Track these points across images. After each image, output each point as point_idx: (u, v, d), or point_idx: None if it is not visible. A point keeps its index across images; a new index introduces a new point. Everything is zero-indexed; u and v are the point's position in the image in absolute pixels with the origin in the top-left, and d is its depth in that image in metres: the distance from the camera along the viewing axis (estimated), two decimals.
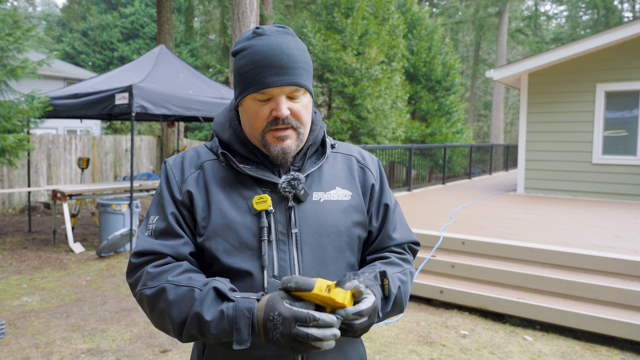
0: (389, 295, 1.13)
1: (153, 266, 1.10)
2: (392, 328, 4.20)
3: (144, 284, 1.09)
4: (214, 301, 1.01)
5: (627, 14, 29.90)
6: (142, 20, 26.87)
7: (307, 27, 12.37)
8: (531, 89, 9.02)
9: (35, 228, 8.83)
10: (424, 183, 11.99)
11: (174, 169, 1.20)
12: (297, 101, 1.14)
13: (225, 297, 1.02)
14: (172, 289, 1.05)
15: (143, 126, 19.47)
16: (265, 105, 1.12)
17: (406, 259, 1.28)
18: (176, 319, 1.03)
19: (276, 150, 1.14)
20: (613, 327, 3.80)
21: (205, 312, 1.00)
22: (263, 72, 1.11)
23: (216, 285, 1.03)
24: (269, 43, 1.12)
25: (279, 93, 1.11)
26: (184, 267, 1.10)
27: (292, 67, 1.12)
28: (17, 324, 4.23)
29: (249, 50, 1.14)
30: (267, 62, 1.11)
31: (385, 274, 1.13)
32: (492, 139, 23.25)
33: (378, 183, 1.31)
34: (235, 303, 1.00)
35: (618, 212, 6.97)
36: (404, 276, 1.22)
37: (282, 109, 1.11)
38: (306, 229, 1.15)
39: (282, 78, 1.10)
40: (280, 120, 1.12)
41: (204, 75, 8.72)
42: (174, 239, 1.13)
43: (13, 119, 6.14)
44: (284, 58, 1.11)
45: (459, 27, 30.21)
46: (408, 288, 1.22)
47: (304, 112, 1.16)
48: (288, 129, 1.14)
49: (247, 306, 0.99)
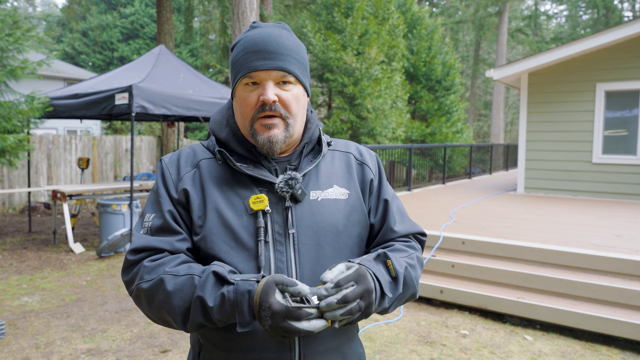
0: (396, 275, 1.10)
1: (150, 260, 1.08)
2: (392, 328, 4.20)
3: (140, 278, 1.07)
4: (214, 285, 1.01)
5: (627, 14, 29.89)
6: (142, 21, 26.88)
7: (307, 27, 12.37)
8: (531, 89, 9.02)
9: (35, 228, 8.83)
10: (424, 183, 11.98)
11: (170, 167, 1.18)
12: (286, 89, 1.13)
13: (225, 280, 1.01)
14: (170, 279, 1.03)
15: (143, 126, 19.47)
16: (254, 91, 1.12)
17: (411, 245, 1.25)
18: (179, 308, 1.02)
19: (262, 139, 1.12)
20: (613, 326, 3.80)
21: (207, 297, 0.99)
22: (251, 57, 1.11)
23: (215, 269, 1.02)
24: (261, 33, 1.14)
25: (265, 77, 1.11)
26: (181, 259, 1.09)
27: (281, 53, 1.12)
28: (17, 324, 4.23)
29: (242, 41, 1.15)
30: (256, 47, 1.12)
31: (386, 255, 1.11)
32: (492, 139, 23.24)
33: (377, 179, 1.29)
34: (236, 286, 0.99)
35: (618, 212, 6.97)
36: (411, 260, 1.18)
37: (267, 94, 1.10)
38: (303, 229, 1.13)
39: (268, 62, 1.11)
40: (267, 106, 1.11)
41: (204, 75, 8.72)
42: (171, 235, 1.11)
43: (13, 119, 6.15)
44: (273, 44, 1.12)
45: (459, 27, 30.20)
46: (418, 273, 1.19)
47: (294, 102, 1.14)
48: (275, 117, 1.12)
49: (247, 288, 0.99)
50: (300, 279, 1.10)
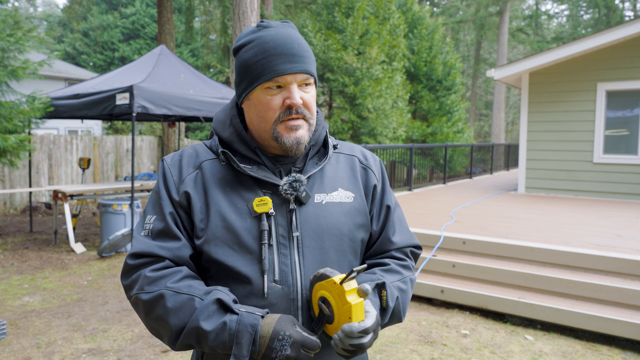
0: (386, 307, 1.12)
1: (151, 270, 1.07)
2: (393, 328, 4.20)
3: (140, 288, 1.06)
4: (216, 312, 1.00)
5: (628, 13, 29.85)
6: (142, 21, 26.89)
7: (308, 27, 12.37)
8: (532, 89, 9.01)
9: (36, 228, 8.84)
10: (425, 183, 11.98)
11: (171, 169, 1.16)
12: (307, 90, 1.13)
13: (228, 308, 1.00)
14: (171, 295, 1.02)
15: (144, 126, 19.48)
16: (278, 94, 1.10)
17: (407, 265, 1.25)
18: (173, 327, 1.02)
19: (290, 141, 1.11)
20: (614, 326, 3.80)
21: (206, 322, 0.99)
22: (276, 60, 1.08)
23: (219, 296, 1.01)
24: (278, 33, 1.11)
25: (291, 81, 1.09)
26: (183, 273, 1.08)
27: (304, 56, 1.11)
28: (19, 324, 4.23)
29: (256, 42, 1.11)
30: (280, 49, 1.09)
31: (384, 285, 1.12)
32: (493, 139, 23.23)
33: (380, 184, 1.28)
34: (240, 317, 0.99)
35: (619, 212, 6.96)
36: (404, 284, 1.20)
37: (295, 97, 1.09)
38: (308, 232, 1.12)
39: (295, 65, 1.09)
40: (293, 110, 1.10)
41: (204, 75, 8.72)
42: (172, 240, 1.10)
43: (14, 119, 6.15)
44: (295, 46, 1.10)
45: (460, 27, 30.18)
46: (407, 297, 1.20)
47: (314, 103, 1.15)
48: (300, 119, 1.11)
49: (251, 322, 0.98)
50: (304, 282, 1.09)
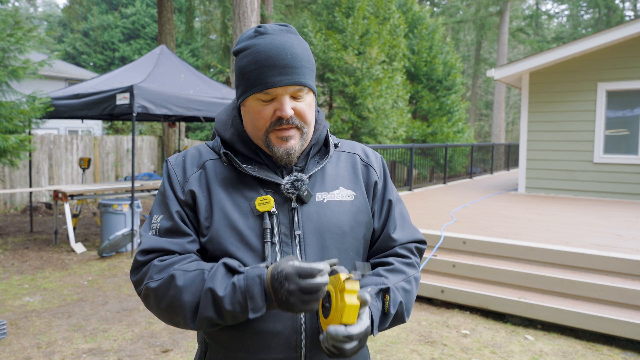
0: (387, 312, 1.12)
1: (160, 260, 1.08)
2: (394, 327, 4.20)
3: (150, 277, 1.07)
4: (224, 276, 1.01)
5: (628, 13, 29.85)
6: (143, 21, 26.89)
7: (308, 27, 12.38)
8: (532, 88, 9.01)
9: (36, 228, 8.85)
10: (425, 182, 11.98)
11: (176, 169, 1.18)
12: (300, 100, 1.12)
13: (235, 270, 1.02)
14: (181, 274, 1.03)
15: (144, 126, 19.48)
16: (269, 105, 1.10)
17: (411, 263, 1.24)
18: (189, 303, 1.02)
19: (280, 151, 1.12)
20: (614, 326, 3.80)
21: (218, 287, 1.00)
22: (266, 72, 1.08)
23: (225, 261, 1.03)
24: (272, 42, 1.10)
25: (282, 93, 1.09)
26: (192, 258, 1.09)
27: (296, 67, 1.10)
28: (19, 324, 4.23)
29: (251, 50, 1.11)
30: (270, 61, 1.08)
31: (388, 290, 1.12)
32: (494, 139, 23.23)
33: (381, 181, 1.29)
34: (246, 273, 1.00)
35: (619, 212, 6.96)
36: (408, 284, 1.19)
37: (286, 110, 1.09)
38: (309, 231, 1.13)
39: (285, 78, 1.08)
40: (284, 121, 1.10)
41: (204, 76, 8.72)
42: (180, 236, 1.11)
43: (14, 119, 6.16)
44: (288, 57, 1.09)
45: (460, 27, 30.18)
46: (411, 297, 1.20)
47: (308, 111, 1.14)
48: (292, 129, 1.12)
49: (257, 273, 1.00)
50: None
